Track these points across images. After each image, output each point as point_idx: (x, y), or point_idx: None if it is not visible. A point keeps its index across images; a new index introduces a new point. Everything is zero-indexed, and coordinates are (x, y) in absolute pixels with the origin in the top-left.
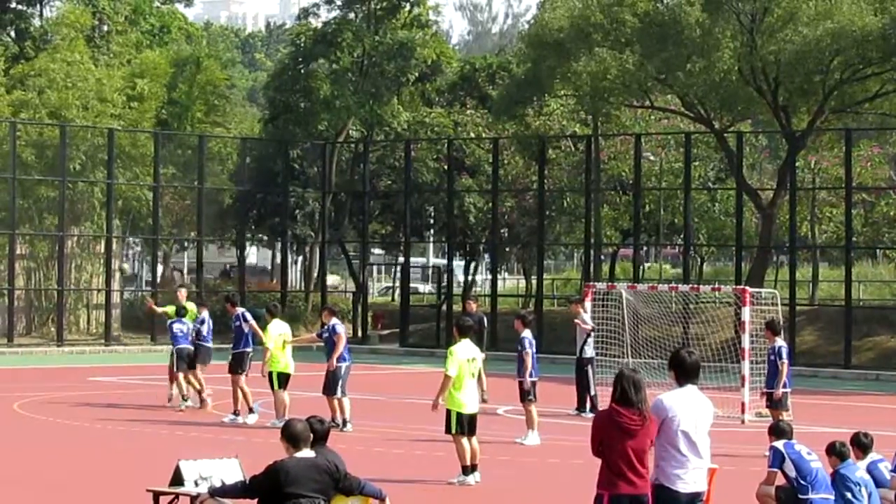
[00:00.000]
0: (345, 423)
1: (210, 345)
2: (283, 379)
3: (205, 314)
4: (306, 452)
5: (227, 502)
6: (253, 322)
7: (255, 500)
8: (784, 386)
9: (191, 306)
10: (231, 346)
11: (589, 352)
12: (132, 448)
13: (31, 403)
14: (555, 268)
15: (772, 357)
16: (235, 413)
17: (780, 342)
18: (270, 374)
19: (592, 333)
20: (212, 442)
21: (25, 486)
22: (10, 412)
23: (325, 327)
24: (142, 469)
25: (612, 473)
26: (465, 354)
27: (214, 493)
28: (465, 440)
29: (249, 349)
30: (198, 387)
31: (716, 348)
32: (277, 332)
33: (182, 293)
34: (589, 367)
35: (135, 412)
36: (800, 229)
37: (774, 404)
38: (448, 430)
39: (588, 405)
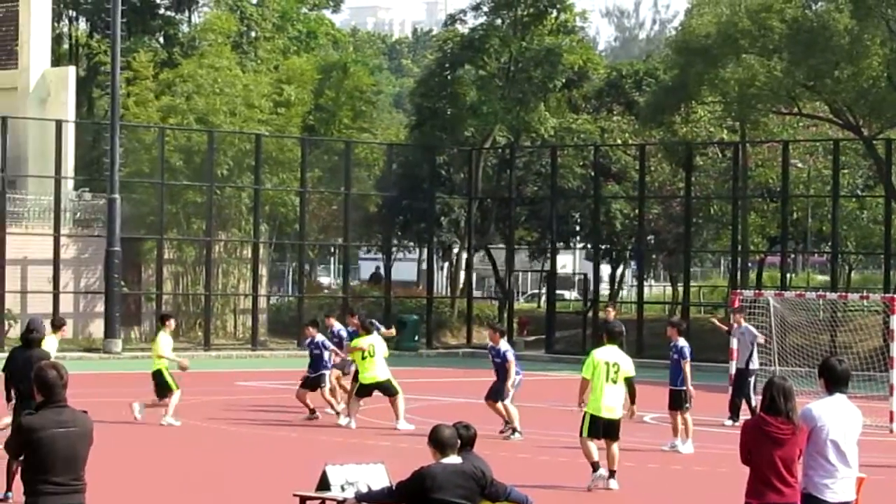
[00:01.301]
0: (514, 430)
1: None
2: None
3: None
4: (453, 458)
5: None
6: (333, 347)
7: None
8: None
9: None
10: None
11: (756, 363)
12: (279, 452)
13: (180, 406)
14: (701, 275)
15: None
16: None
17: None
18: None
19: (758, 344)
20: (358, 447)
21: (173, 487)
22: (158, 416)
23: (494, 349)
24: (289, 473)
25: (760, 482)
26: (604, 357)
27: (361, 498)
28: (592, 442)
29: (326, 371)
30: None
31: (864, 357)
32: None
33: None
34: (753, 378)
35: (281, 416)
36: None
37: None
38: (580, 432)
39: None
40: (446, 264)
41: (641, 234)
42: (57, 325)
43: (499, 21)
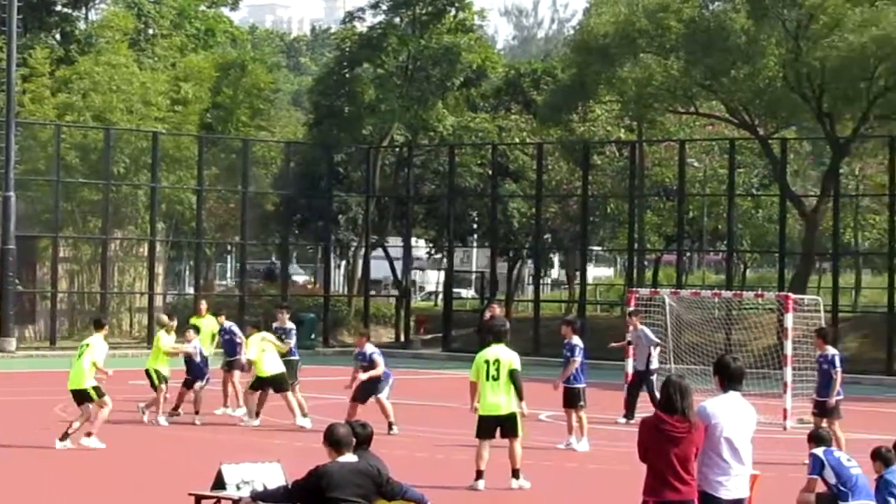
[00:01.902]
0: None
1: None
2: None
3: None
4: (349, 457)
5: None
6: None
7: None
8: (837, 395)
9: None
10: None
11: (655, 362)
12: (175, 452)
13: (75, 407)
14: (598, 269)
15: (824, 366)
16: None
17: (833, 350)
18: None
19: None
20: (255, 446)
21: (68, 487)
22: (51, 416)
23: (361, 353)
24: (184, 472)
25: (657, 480)
26: (485, 356)
27: (256, 497)
28: (485, 446)
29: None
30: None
31: (758, 354)
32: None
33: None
34: (655, 377)
35: (177, 416)
36: (843, 236)
37: (828, 413)
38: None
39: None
40: (343, 262)
41: (539, 233)
42: None
43: (397, 19)
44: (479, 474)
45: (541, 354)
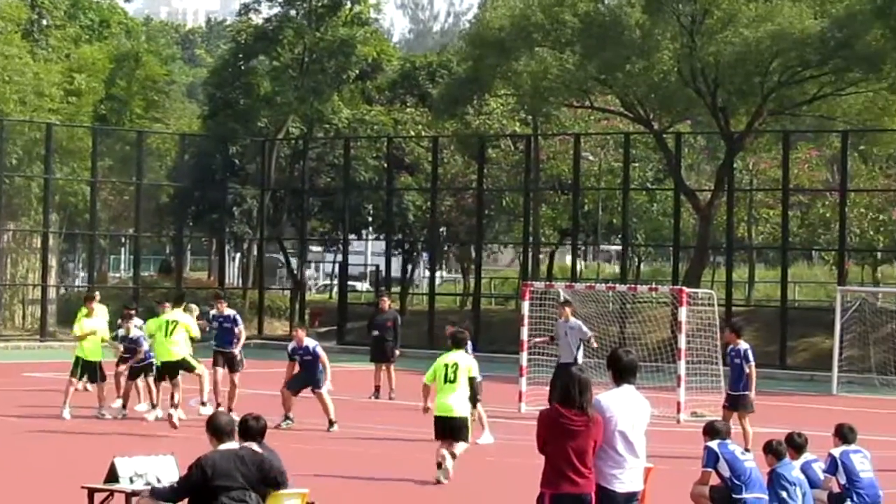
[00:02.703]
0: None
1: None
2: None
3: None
4: (230, 444)
5: None
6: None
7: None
8: (745, 388)
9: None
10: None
11: (580, 358)
12: (67, 445)
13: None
14: (493, 264)
15: (736, 360)
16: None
17: (745, 345)
18: None
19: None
20: (148, 439)
21: None
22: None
23: (302, 348)
24: (77, 465)
25: (554, 472)
26: (444, 360)
27: (153, 493)
28: (441, 445)
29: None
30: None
31: (652, 348)
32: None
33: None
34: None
35: (70, 409)
36: (737, 230)
37: (741, 406)
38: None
39: None
40: (238, 255)
41: (434, 226)
42: None
43: (293, 12)
44: (439, 465)
45: (435, 347)
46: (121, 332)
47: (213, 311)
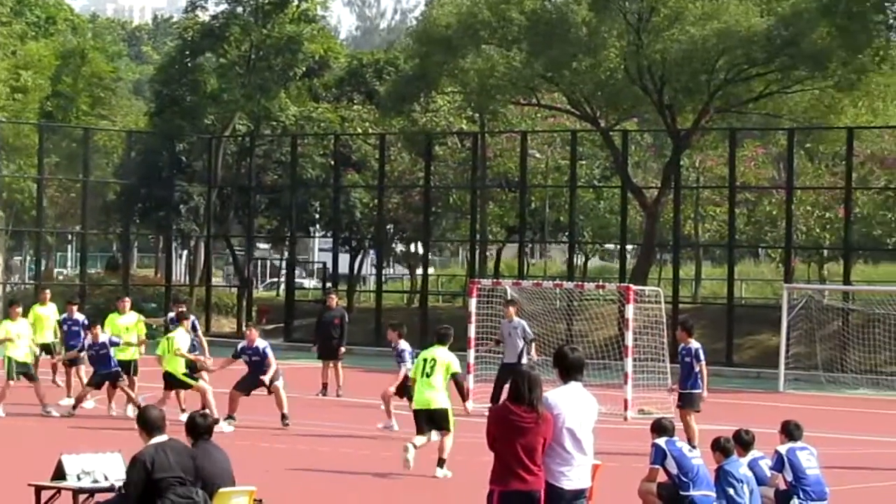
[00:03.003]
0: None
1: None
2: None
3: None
4: (160, 438)
5: None
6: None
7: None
8: (696, 387)
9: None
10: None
11: (525, 357)
12: (14, 442)
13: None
14: (440, 264)
15: (686, 358)
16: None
17: (696, 344)
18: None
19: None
20: (95, 436)
21: None
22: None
23: (251, 348)
24: (24, 463)
25: (504, 469)
26: (424, 355)
27: None
28: (422, 436)
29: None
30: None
31: (599, 345)
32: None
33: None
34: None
35: (18, 407)
36: (684, 228)
37: (689, 404)
38: None
39: None
40: (185, 252)
41: (381, 223)
42: None
43: (240, 9)
44: (413, 446)
45: (382, 345)
46: (87, 341)
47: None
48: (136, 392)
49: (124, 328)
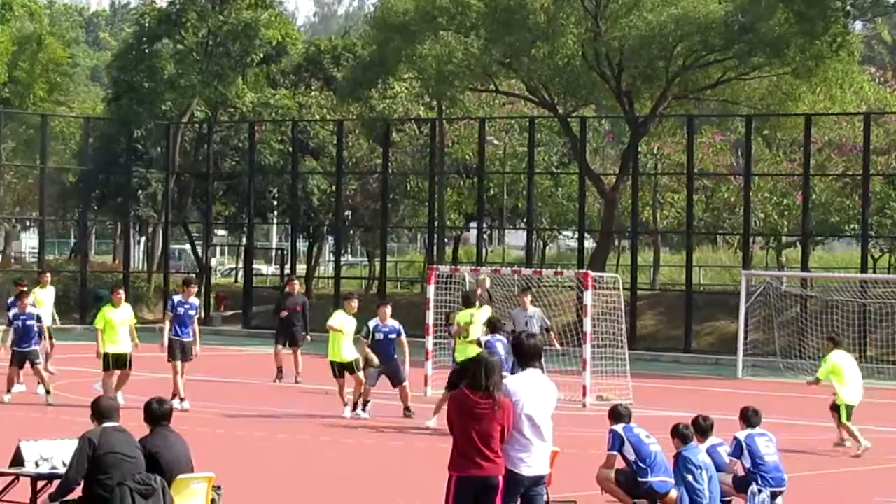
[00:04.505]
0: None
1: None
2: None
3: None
4: (112, 423)
5: None
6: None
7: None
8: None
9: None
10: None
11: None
12: None
13: None
14: (398, 251)
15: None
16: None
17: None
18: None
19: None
20: (54, 422)
21: None
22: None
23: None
24: None
25: (461, 455)
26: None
27: (53, 498)
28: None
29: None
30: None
31: (558, 332)
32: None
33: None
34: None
35: None
36: (642, 214)
37: None
38: None
39: None
40: (143, 239)
41: (339, 210)
42: None
43: None
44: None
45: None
46: (14, 311)
47: (178, 297)
48: (125, 384)
49: (120, 323)
